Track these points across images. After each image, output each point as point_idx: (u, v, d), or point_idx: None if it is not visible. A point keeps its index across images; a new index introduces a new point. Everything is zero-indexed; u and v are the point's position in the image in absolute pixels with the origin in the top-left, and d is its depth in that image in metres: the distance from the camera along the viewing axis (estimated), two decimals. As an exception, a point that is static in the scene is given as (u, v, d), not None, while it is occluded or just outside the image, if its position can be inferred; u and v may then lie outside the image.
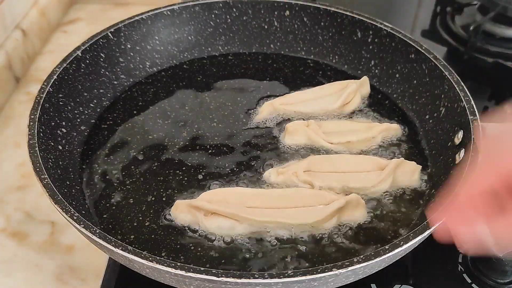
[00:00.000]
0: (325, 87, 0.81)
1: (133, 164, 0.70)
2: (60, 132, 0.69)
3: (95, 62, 0.78)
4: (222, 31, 0.90)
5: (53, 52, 1.04)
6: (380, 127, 0.73)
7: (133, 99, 0.81)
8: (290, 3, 0.88)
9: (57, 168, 0.63)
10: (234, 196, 0.63)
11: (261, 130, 0.76)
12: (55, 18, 1.12)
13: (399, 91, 0.81)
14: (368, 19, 0.83)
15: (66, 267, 0.66)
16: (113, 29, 0.80)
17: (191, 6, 0.87)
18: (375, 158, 0.69)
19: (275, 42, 0.91)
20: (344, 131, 0.73)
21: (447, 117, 0.71)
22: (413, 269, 0.65)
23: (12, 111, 0.90)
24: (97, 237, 0.50)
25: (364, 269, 0.50)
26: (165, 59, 0.87)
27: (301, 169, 0.66)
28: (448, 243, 0.47)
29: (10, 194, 0.75)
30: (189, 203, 0.61)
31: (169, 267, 0.47)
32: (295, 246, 0.60)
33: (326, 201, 0.62)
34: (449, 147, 0.68)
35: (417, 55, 0.78)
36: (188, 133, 0.75)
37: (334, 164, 0.68)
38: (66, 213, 0.53)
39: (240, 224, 0.60)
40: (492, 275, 0.62)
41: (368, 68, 0.85)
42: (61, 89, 0.71)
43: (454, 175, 0.62)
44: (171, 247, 0.60)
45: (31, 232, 0.70)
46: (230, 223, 0.60)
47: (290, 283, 0.48)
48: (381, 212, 0.64)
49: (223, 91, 0.83)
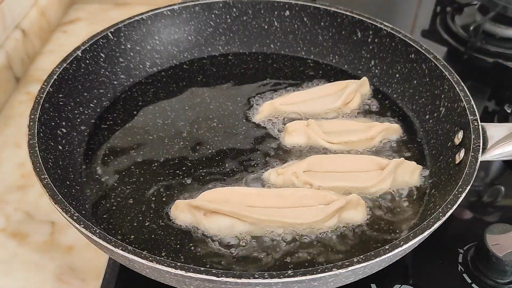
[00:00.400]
0: (325, 87, 0.81)
1: (133, 164, 0.70)
2: (60, 132, 0.69)
3: (95, 62, 0.78)
4: (222, 31, 0.90)
5: (53, 52, 1.04)
6: (380, 126, 0.73)
7: (133, 99, 0.81)
8: (290, 3, 0.88)
9: (57, 168, 0.63)
10: (234, 196, 0.63)
11: (261, 130, 0.76)
12: (55, 18, 1.12)
13: (399, 91, 0.81)
14: (368, 19, 0.83)
15: (66, 267, 0.66)
16: (113, 29, 0.80)
17: (191, 6, 0.87)
18: (375, 158, 0.69)
19: (275, 42, 0.91)
20: (344, 130, 0.73)
21: (447, 117, 0.71)
22: (413, 269, 0.65)
23: (12, 111, 0.90)
24: (97, 237, 0.50)
25: (364, 269, 0.50)
26: (165, 59, 0.87)
27: (301, 169, 0.66)
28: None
29: (10, 194, 0.75)
30: (189, 203, 0.61)
31: (169, 267, 0.47)
32: (295, 246, 0.60)
33: (326, 201, 0.62)
34: (449, 147, 0.68)
35: (417, 55, 0.78)
36: (188, 133, 0.75)
37: (334, 164, 0.68)
38: (66, 213, 0.53)
39: (240, 223, 0.60)
40: (492, 275, 0.62)
41: (368, 68, 0.85)
42: (61, 89, 0.71)
43: (454, 175, 0.62)
44: (171, 247, 0.60)
45: (31, 232, 0.70)
46: (230, 222, 0.60)
47: (290, 283, 0.48)
48: (381, 212, 0.64)
49: (223, 91, 0.83)
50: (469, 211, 0.74)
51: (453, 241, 0.68)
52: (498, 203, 0.76)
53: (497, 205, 0.76)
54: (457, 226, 0.72)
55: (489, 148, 0.62)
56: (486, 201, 0.76)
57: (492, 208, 0.76)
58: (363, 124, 0.75)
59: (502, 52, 1.02)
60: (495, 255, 0.60)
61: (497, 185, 0.79)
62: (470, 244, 0.67)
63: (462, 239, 0.68)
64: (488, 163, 0.81)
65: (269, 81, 0.85)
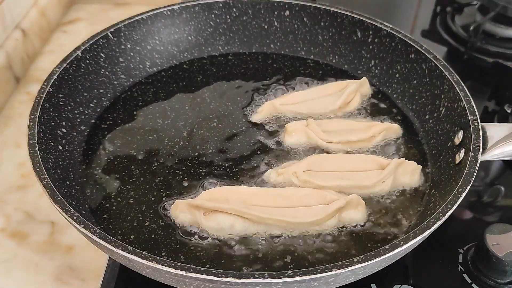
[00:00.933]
0: (325, 87, 0.81)
1: (133, 164, 0.70)
2: (60, 132, 0.69)
3: (95, 62, 0.78)
4: (222, 31, 0.90)
5: (53, 52, 1.04)
6: (381, 126, 0.73)
7: (133, 99, 0.81)
8: (290, 3, 0.88)
9: (57, 168, 0.63)
10: (234, 195, 0.63)
11: (261, 130, 0.76)
12: (55, 18, 1.12)
13: (399, 91, 0.81)
14: (368, 19, 0.83)
15: (66, 267, 0.66)
16: (113, 29, 0.80)
17: (191, 6, 0.87)
18: (375, 157, 0.69)
19: (275, 42, 0.91)
20: (344, 130, 0.73)
21: (447, 117, 0.71)
22: (413, 269, 0.65)
23: (12, 111, 0.90)
24: (97, 237, 0.50)
25: (364, 269, 0.50)
26: (165, 59, 0.87)
27: (301, 169, 0.66)
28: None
29: (10, 194, 0.75)
30: (189, 202, 0.61)
31: (169, 267, 0.47)
32: (295, 245, 0.60)
33: (326, 200, 0.62)
34: (449, 147, 0.68)
35: (417, 55, 0.78)
36: (188, 133, 0.75)
37: (334, 163, 0.68)
38: (66, 213, 0.53)
39: (240, 222, 0.60)
40: (492, 275, 0.62)
41: (368, 68, 0.85)
42: (61, 89, 0.71)
43: (454, 175, 0.62)
44: (171, 247, 0.60)
45: (31, 232, 0.70)
46: (229, 222, 0.60)
47: (290, 283, 0.48)
48: (381, 212, 0.64)
49: (223, 91, 0.83)
50: (469, 211, 0.74)
51: (453, 241, 0.68)
52: (498, 203, 0.76)
53: (497, 205, 0.76)
54: (457, 226, 0.72)
55: (489, 148, 0.62)
56: (486, 201, 0.76)
57: (492, 208, 0.76)
58: (363, 124, 0.75)
59: (502, 52, 1.02)
60: (495, 255, 0.60)
61: (497, 185, 0.79)
62: (470, 244, 0.67)
63: (462, 239, 0.68)
64: (488, 163, 0.81)
65: (269, 81, 0.85)
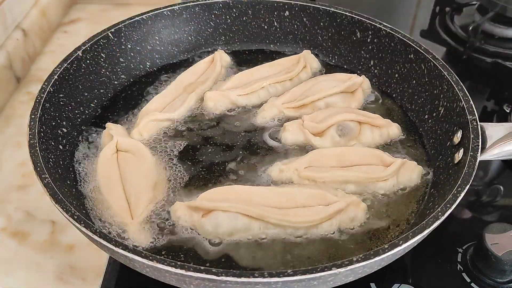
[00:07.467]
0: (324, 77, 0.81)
1: (133, 164, 0.70)
2: (60, 131, 0.69)
3: (95, 62, 0.78)
4: (222, 31, 0.90)
5: (54, 52, 1.05)
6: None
7: (133, 99, 0.81)
8: (290, 3, 0.88)
9: (57, 167, 0.64)
10: (234, 194, 0.63)
11: (261, 129, 0.76)
12: (55, 18, 1.12)
13: (398, 91, 0.81)
14: (367, 19, 0.83)
15: (66, 266, 0.66)
16: (114, 29, 0.81)
17: (191, 7, 0.87)
18: (377, 152, 0.69)
19: (275, 42, 0.91)
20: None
21: (446, 116, 0.71)
22: (412, 268, 0.65)
23: (12, 111, 0.90)
24: (98, 236, 0.51)
25: (364, 268, 0.50)
26: (165, 59, 0.87)
27: (302, 165, 0.66)
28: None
29: (10, 193, 0.75)
30: (188, 204, 0.61)
31: (169, 266, 0.48)
32: (295, 245, 0.60)
33: (326, 201, 0.62)
34: (448, 147, 0.68)
35: (416, 55, 0.78)
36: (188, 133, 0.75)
37: (335, 157, 0.68)
38: (67, 212, 0.53)
39: (239, 221, 0.60)
40: (491, 275, 0.63)
41: (368, 68, 0.85)
42: (61, 89, 0.71)
43: (453, 175, 0.62)
44: (171, 247, 0.60)
45: (32, 232, 0.70)
46: (229, 221, 0.60)
47: (290, 282, 0.48)
48: (380, 212, 0.64)
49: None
50: (468, 211, 0.74)
51: (452, 241, 0.68)
52: (497, 202, 0.77)
53: (496, 205, 0.76)
54: (456, 225, 0.72)
55: (488, 148, 0.62)
56: (485, 201, 0.77)
57: (491, 207, 0.76)
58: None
59: (501, 52, 1.02)
60: (494, 254, 0.61)
61: (496, 184, 0.79)
62: (469, 244, 0.67)
63: (461, 239, 0.68)
64: (487, 163, 0.81)
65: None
